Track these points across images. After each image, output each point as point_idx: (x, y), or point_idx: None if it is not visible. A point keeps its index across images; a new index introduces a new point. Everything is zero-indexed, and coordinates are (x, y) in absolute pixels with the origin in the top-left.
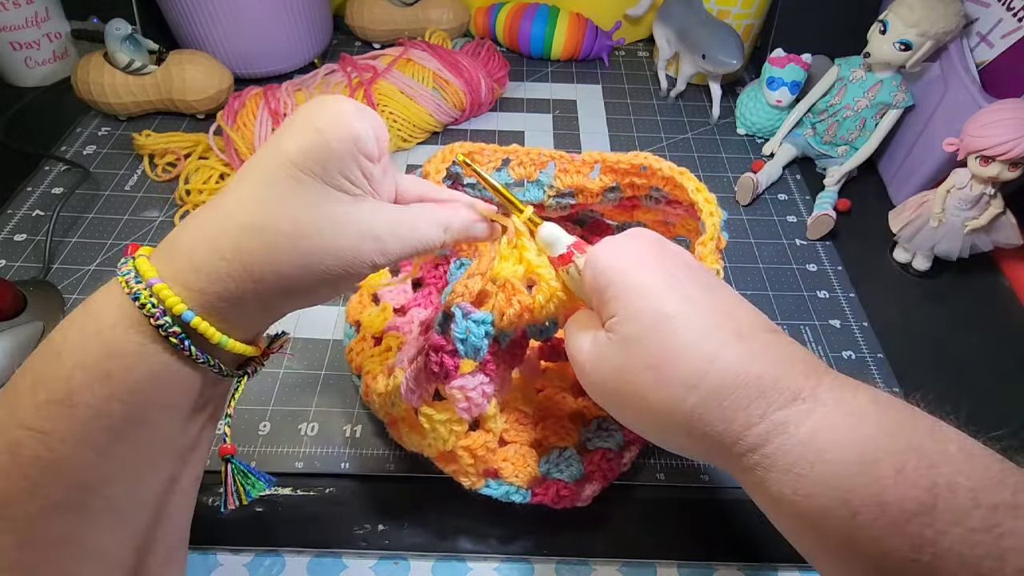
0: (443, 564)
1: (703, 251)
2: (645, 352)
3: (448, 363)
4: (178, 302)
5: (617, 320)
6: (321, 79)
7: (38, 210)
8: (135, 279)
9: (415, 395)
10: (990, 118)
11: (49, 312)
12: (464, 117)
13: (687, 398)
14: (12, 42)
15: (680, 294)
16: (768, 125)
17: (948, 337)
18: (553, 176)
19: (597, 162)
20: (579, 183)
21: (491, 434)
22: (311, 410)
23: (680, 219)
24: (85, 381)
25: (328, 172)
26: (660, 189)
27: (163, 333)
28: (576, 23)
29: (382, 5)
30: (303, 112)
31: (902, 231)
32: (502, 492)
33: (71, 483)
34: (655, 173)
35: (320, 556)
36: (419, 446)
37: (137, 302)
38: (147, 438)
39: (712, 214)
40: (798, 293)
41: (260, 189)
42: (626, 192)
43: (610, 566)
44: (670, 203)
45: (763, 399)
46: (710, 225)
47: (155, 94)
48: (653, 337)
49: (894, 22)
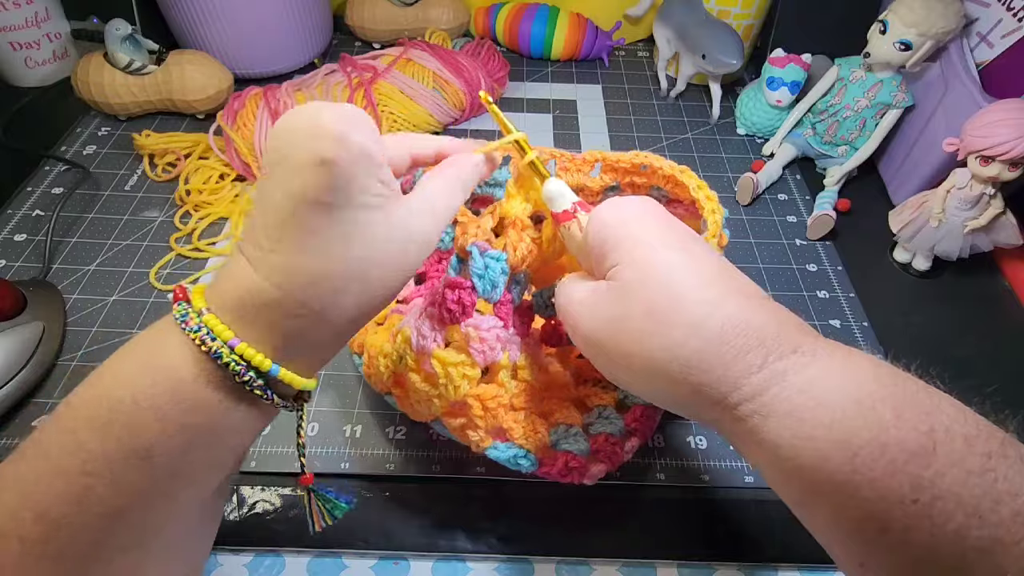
0: (443, 564)
1: None
2: (646, 296)
3: (466, 299)
4: (263, 359)
5: (619, 268)
6: (321, 79)
7: (38, 210)
8: (210, 337)
9: (429, 339)
10: (990, 118)
11: (49, 312)
12: (464, 117)
13: (688, 342)
14: (12, 42)
15: (684, 247)
16: (768, 125)
17: (948, 337)
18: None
19: (597, 160)
20: (579, 182)
21: (503, 389)
22: (311, 410)
23: (681, 218)
24: (165, 433)
25: (352, 198)
26: (661, 188)
27: (248, 388)
28: (576, 23)
29: (382, 5)
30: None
31: (902, 231)
32: (509, 455)
33: (138, 527)
34: (656, 172)
35: (320, 556)
36: (427, 402)
37: (219, 360)
38: (214, 480)
39: (714, 211)
40: (798, 293)
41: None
42: (626, 191)
43: (610, 566)
44: (670, 203)
45: (763, 348)
46: (712, 223)
47: (155, 94)
48: (655, 282)
49: (894, 22)
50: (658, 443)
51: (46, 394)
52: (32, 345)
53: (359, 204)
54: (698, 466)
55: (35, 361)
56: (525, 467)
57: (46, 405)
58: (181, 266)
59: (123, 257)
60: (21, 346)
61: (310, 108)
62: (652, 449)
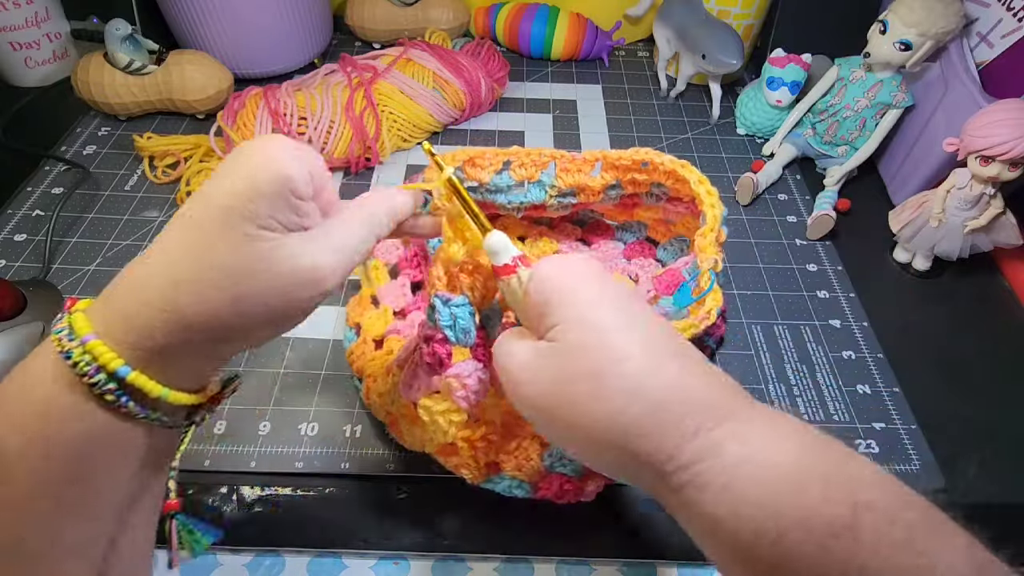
0: (443, 564)
1: (703, 242)
2: (588, 359)
3: (440, 351)
4: (113, 358)
5: (560, 329)
6: (321, 79)
7: (38, 210)
8: (68, 336)
9: (412, 389)
10: (990, 118)
11: (49, 312)
12: (464, 117)
13: (627, 409)
14: (12, 42)
15: (625, 309)
16: (768, 125)
17: (948, 337)
18: (554, 176)
19: (598, 160)
20: (580, 182)
21: (492, 425)
22: (311, 410)
23: (680, 217)
24: (21, 446)
25: (258, 215)
26: (662, 185)
27: (98, 391)
28: (576, 23)
29: (382, 5)
30: (232, 158)
31: (902, 231)
32: (504, 486)
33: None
34: (657, 168)
35: (320, 556)
36: (420, 443)
37: (69, 360)
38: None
39: (713, 206)
40: (798, 293)
41: (188, 236)
42: (627, 189)
43: (610, 566)
44: (671, 200)
45: (699, 415)
46: (711, 217)
47: (155, 94)
48: (597, 345)
49: (894, 22)
50: None
51: None
52: (32, 345)
53: (264, 226)
54: None
55: None
56: (521, 495)
57: None
58: None
59: (123, 257)
60: (21, 346)
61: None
62: None
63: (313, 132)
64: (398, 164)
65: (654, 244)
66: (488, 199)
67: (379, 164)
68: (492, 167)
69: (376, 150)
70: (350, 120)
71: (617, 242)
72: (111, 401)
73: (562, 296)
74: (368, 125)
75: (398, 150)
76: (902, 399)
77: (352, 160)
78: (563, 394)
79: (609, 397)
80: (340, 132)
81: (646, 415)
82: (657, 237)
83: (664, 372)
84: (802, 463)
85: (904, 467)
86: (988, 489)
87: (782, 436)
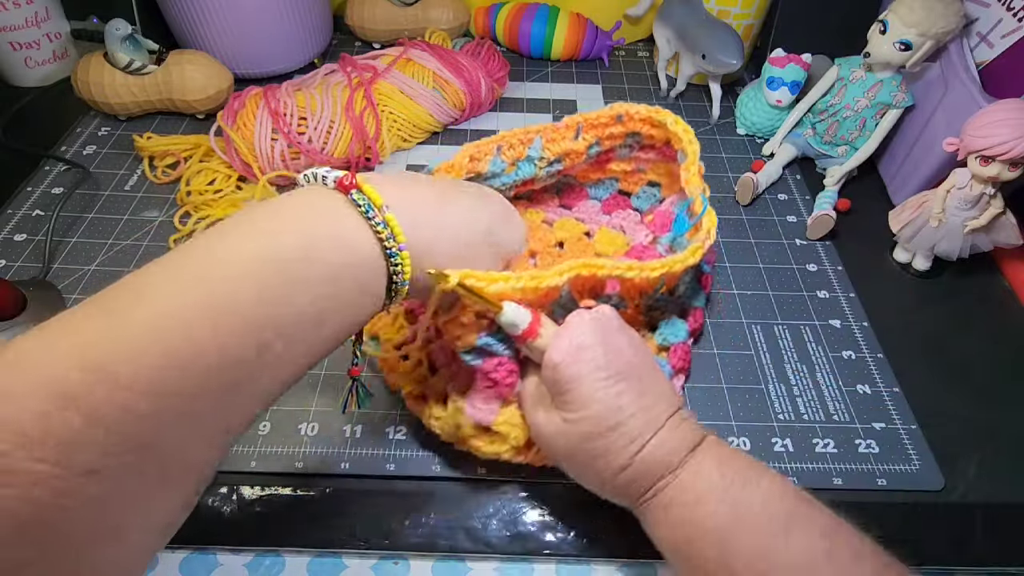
0: (443, 564)
1: (688, 175)
2: (594, 448)
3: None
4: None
5: (574, 416)
6: (321, 79)
7: (38, 210)
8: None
9: (485, 412)
10: (990, 118)
11: (49, 312)
12: (464, 117)
13: (619, 477)
14: (12, 42)
15: (618, 402)
16: (768, 125)
17: (948, 337)
18: (541, 148)
19: (579, 123)
20: (565, 148)
21: None
22: (311, 410)
23: (651, 164)
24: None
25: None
26: (636, 134)
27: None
28: (576, 23)
29: (382, 5)
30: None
31: (902, 231)
32: None
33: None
34: (632, 118)
35: (320, 556)
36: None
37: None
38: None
39: (691, 143)
40: (798, 293)
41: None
42: (604, 145)
43: (610, 566)
44: (643, 148)
45: (661, 473)
46: (691, 152)
47: (155, 94)
48: (600, 438)
49: (894, 22)
50: None
51: None
52: None
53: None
54: None
55: None
56: None
57: None
58: None
59: (123, 257)
60: None
61: None
62: None
63: (313, 132)
64: (398, 164)
65: (627, 196)
66: (495, 185)
67: (379, 164)
68: (487, 156)
69: (376, 150)
70: (350, 120)
71: (593, 201)
72: (386, 247)
73: (572, 391)
74: (368, 125)
75: (398, 150)
76: (902, 399)
77: (352, 160)
78: (580, 455)
79: (607, 470)
80: (340, 132)
81: (631, 479)
82: (629, 188)
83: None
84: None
85: (904, 467)
86: (988, 489)
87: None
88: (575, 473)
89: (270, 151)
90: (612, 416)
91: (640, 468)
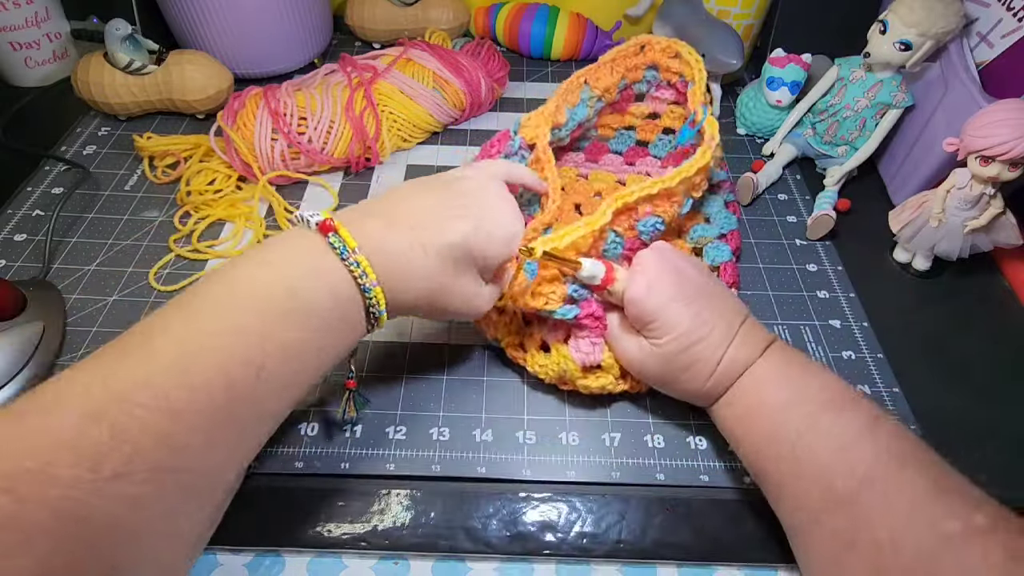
0: (443, 564)
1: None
2: (680, 362)
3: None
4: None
5: (661, 342)
6: (321, 79)
7: (38, 210)
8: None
9: (590, 355)
10: (990, 118)
11: (49, 312)
12: (464, 117)
13: (705, 384)
14: (12, 42)
15: (699, 320)
16: (768, 125)
17: (948, 337)
18: (589, 90)
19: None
20: (605, 84)
21: None
22: (311, 410)
23: (666, 106)
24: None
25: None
26: (655, 67)
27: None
28: (576, 23)
29: (382, 5)
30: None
31: (902, 231)
32: None
33: None
34: (653, 48)
35: (320, 556)
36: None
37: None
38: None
39: (700, 71)
40: (798, 293)
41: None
42: (628, 78)
43: (610, 566)
44: (659, 88)
45: (739, 371)
46: (699, 79)
47: (155, 94)
48: (685, 354)
49: (894, 22)
50: (658, 443)
51: None
52: (32, 345)
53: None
54: (698, 466)
55: (35, 361)
56: None
57: None
58: (180, 267)
59: (123, 257)
60: (21, 346)
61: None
62: (652, 449)
63: (313, 132)
64: (398, 164)
65: (644, 145)
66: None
67: (379, 164)
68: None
69: (376, 150)
70: (350, 120)
71: (614, 155)
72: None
73: (652, 312)
74: (368, 125)
75: (398, 150)
76: (902, 399)
77: (352, 160)
78: (667, 375)
79: (695, 379)
80: (340, 132)
81: (713, 384)
82: (646, 137)
83: (724, 359)
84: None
85: None
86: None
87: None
88: (667, 388)
89: (270, 151)
90: (695, 333)
91: (723, 371)
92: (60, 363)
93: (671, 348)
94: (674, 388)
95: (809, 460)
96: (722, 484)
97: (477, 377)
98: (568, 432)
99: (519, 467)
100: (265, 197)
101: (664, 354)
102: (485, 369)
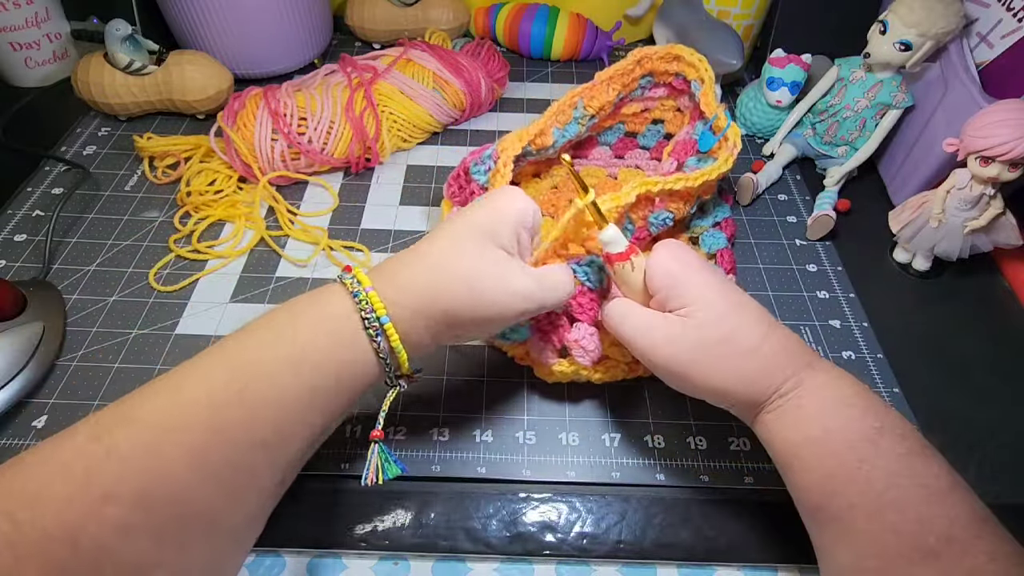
0: (443, 564)
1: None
2: (720, 330)
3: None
4: (381, 307)
5: (693, 308)
6: (321, 79)
7: (38, 210)
8: (355, 282)
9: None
10: (990, 118)
11: (49, 312)
12: (464, 117)
13: (749, 364)
14: (12, 42)
15: (735, 290)
16: (768, 125)
17: (948, 337)
18: (583, 108)
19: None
20: (601, 102)
21: None
22: None
23: (658, 102)
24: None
25: (498, 234)
26: (651, 74)
27: (366, 325)
28: (576, 23)
29: (382, 5)
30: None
31: (902, 231)
32: None
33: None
34: (650, 58)
35: (320, 556)
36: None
37: (356, 299)
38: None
39: (707, 70)
40: (798, 293)
41: (449, 242)
42: (624, 92)
43: (610, 566)
44: (654, 87)
45: (791, 365)
46: (707, 79)
47: (155, 94)
48: (726, 320)
49: (894, 22)
50: (658, 443)
51: (46, 394)
52: (32, 345)
53: (499, 244)
54: (698, 466)
55: (35, 361)
56: None
57: (46, 405)
58: (180, 267)
59: (123, 257)
60: (21, 346)
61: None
62: (652, 449)
63: (313, 132)
64: (398, 164)
65: (632, 136)
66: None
67: (379, 164)
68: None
69: (376, 150)
70: (350, 120)
71: (603, 147)
72: (371, 335)
73: (687, 284)
74: (368, 125)
75: (398, 150)
76: (902, 399)
77: (352, 160)
78: (700, 358)
79: (736, 355)
80: (340, 132)
81: (760, 368)
82: (634, 128)
83: (772, 334)
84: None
85: None
86: (988, 489)
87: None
88: (685, 378)
89: (270, 151)
90: (734, 311)
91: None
92: (60, 363)
93: (707, 315)
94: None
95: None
96: (722, 484)
97: (477, 377)
98: (568, 432)
99: (519, 467)
100: (265, 198)
101: (700, 322)
102: (485, 369)
